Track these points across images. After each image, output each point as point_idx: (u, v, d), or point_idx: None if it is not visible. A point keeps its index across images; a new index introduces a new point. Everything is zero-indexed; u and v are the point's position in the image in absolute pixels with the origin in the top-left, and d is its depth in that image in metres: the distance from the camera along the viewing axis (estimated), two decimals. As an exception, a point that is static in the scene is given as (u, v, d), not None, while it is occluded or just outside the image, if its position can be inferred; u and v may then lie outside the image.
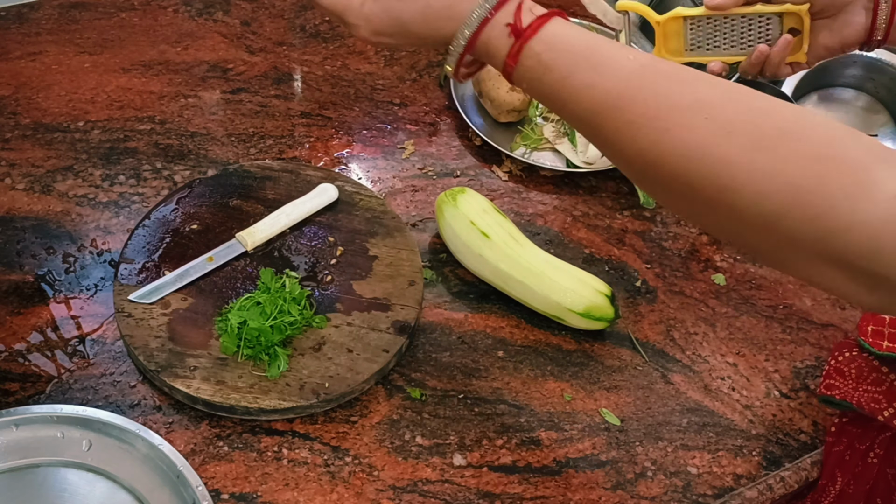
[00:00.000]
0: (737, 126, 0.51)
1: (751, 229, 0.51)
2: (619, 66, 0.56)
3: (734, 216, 0.51)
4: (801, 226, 0.49)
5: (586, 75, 0.56)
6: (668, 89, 0.54)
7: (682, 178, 0.52)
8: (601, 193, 1.02)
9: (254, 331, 0.78)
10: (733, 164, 0.50)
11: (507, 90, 1.02)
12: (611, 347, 0.88)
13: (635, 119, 0.54)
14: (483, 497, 0.76)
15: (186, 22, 1.15)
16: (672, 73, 0.55)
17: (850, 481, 0.78)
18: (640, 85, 0.55)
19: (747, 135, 0.50)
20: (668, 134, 0.52)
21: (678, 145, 0.52)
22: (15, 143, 0.98)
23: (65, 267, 0.88)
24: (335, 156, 1.02)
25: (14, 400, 0.78)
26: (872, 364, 0.80)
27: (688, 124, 0.52)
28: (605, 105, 0.55)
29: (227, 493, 0.74)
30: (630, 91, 0.55)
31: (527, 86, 0.61)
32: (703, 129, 0.51)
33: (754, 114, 0.52)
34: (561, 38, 0.58)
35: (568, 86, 0.57)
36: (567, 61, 0.57)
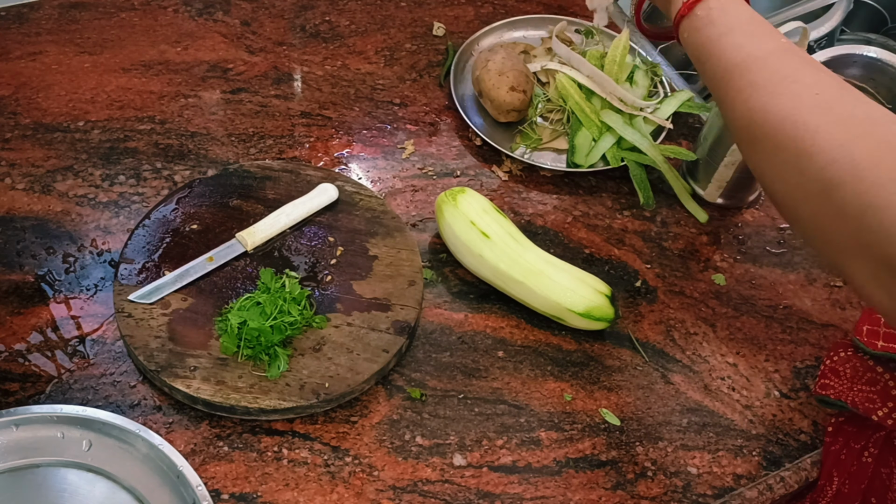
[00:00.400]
0: (836, 105, 0.58)
1: (809, 197, 0.57)
2: (768, 40, 0.64)
3: (801, 180, 0.57)
4: (848, 198, 0.54)
5: (740, 37, 0.65)
6: (794, 68, 0.62)
7: (774, 138, 0.59)
8: (601, 193, 1.02)
9: (254, 331, 0.78)
10: (818, 134, 0.56)
11: (507, 90, 1.02)
12: (611, 347, 0.88)
13: (757, 81, 0.62)
14: (483, 497, 0.76)
15: (186, 22, 1.15)
16: (806, 58, 0.63)
17: (846, 480, 0.78)
18: (775, 58, 0.62)
19: (840, 114, 0.57)
20: (777, 98, 0.60)
21: (782, 109, 0.59)
22: (15, 143, 0.98)
23: (65, 267, 0.88)
24: (335, 156, 1.02)
25: (14, 400, 0.78)
26: (867, 364, 0.81)
27: (797, 94, 0.59)
28: (742, 65, 0.63)
29: (227, 493, 0.74)
30: (766, 59, 0.63)
31: (687, 35, 0.69)
32: (808, 100, 0.59)
33: (856, 102, 0.59)
34: (735, 5, 0.67)
35: (721, 42, 0.66)
36: (731, 22, 0.66)
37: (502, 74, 1.03)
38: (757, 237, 1.00)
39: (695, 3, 0.68)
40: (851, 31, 1.39)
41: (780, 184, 0.60)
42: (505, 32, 1.18)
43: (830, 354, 0.83)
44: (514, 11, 1.23)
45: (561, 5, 1.26)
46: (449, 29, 1.19)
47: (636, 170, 1.02)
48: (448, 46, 1.16)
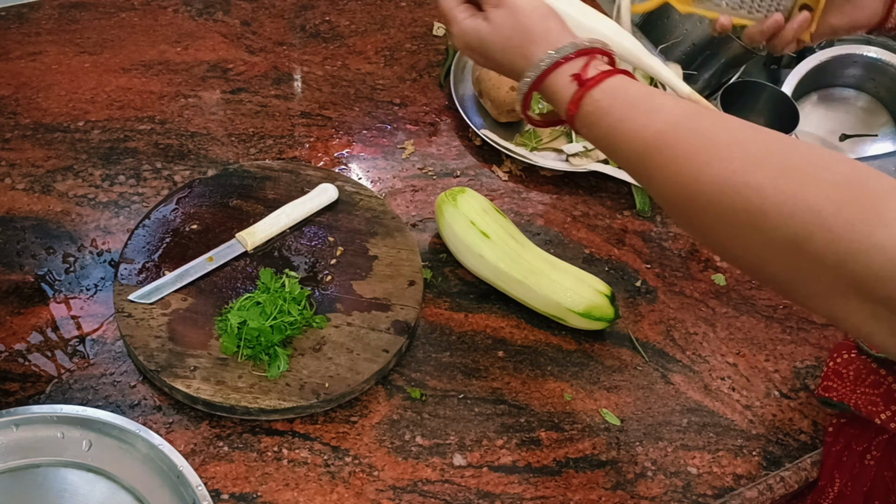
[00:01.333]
0: (768, 157, 0.55)
1: (777, 255, 0.54)
2: (669, 111, 0.61)
3: (762, 241, 0.55)
4: (822, 249, 0.51)
5: (639, 118, 0.62)
6: (709, 130, 0.59)
7: (718, 206, 0.56)
8: (601, 193, 1.02)
9: (254, 331, 0.78)
10: (763, 190, 0.54)
11: (507, 90, 1.02)
12: (611, 347, 0.88)
13: (679, 155, 0.59)
14: (483, 497, 0.76)
15: (186, 22, 1.15)
16: (714, 117, 0.61)
17: (848, 482, 0.78)
18: (685, 126, 0.60)
19: (777, 164, 0.55)
20: (706, 167, 0.57)
21: (715, 176, 0.56)
22: (15, 143, 0.98)
23: (65, 267, 0.88)
24: (335, 156, 1.02)
25: (14, 400, 0.78)
26: (871, 366, 0.80)
27: (725, 157, 0.56)
28: (655, 144, 0.61)
29: (227, 493, 0.74)
30: (677, 131, 0.60)
31: (585, 131, 0.66)
32: (738, 160, 0.56)
33: (784, 147, 0.56)
34: (621, 88, 0.64)
35: (622, 128, 0.63)
36: (623, 106, 0.63)
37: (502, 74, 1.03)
38: (757, 237, 0.99)
39: (579, 101, 0.65)
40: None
41: (741, 249, 0.57)
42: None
43: (833, 356, 0.83)
44: None
45: (561, 5, 1.26)
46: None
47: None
48: (448, 46, 1.16)
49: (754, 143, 0.57)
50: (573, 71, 0.65)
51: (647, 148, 0.61)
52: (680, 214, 0.62)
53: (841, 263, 0.50)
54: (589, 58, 0.66)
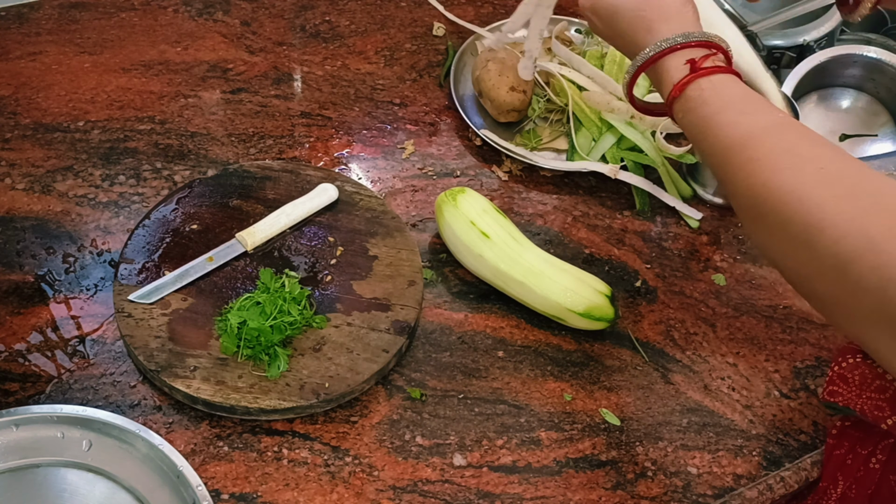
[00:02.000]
0: (839, 178, 0.57)
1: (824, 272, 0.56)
2: (764, 115, 0.63)
3: (813, 256, 0.56)
4: (867, 273, 0.52)
5: (734, 115, 0.64)
6: (794, 140, 0.61)
7: (780, 214, 0.58)
8: (601, 193, 1.02)
9: (253, 331, 0.78)
10: (825, 207, 0.56)
11: (507, 90, 1.02)
12: (611, 347, 0.88)
13: (757, 156, 0.61)
14: (483, 497, 0.76)
15: (186, 22, 1.15)
16: (804, 131, 0.62)
17: (852, 485, 0.78)
18: (773, 132, 0.62)
19: (845, 186, 0.57)
20: (779, 174, 0.59)
21: (784, 184, 0.58)
22: (15, 143, 0.98)
23: (65, 267, 0.88)
24: (335, 156, 1.02)
25: (14, 400, 0.78)
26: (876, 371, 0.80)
27: (799, 168, 0.58)
28: (740, 142, 0.62)
29: (227, 493, 0.74)
30: (763, 136, 0.62)
31: (681, 115, 0.68)
32: (811, 174, 0.58)
33: (860, 173, 0.58)
34: (727, 84, 0.66)
35: (715, 121, 0.65)
36: (724, 100, 0.65)
37: (502, 74, 1.03)
38: (757, 237, 0.99)
39: (686, 85, 0.67)
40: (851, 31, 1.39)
41: (791, 260, 0.59)
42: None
43: (839, 360, 0.82)
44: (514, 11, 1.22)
45: (561, 5, 1.25)
46: (449, 29, 1.19)
47: (635, 170, 1.02)
48: (448, 46, 1.16)
49: (832, 162, 0.58)
50: (691, 56, 0.67)
51: (733, 144, 0.63)
52: (745, 217, 0.63)
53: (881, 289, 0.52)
54: (710, 51, 0.68)
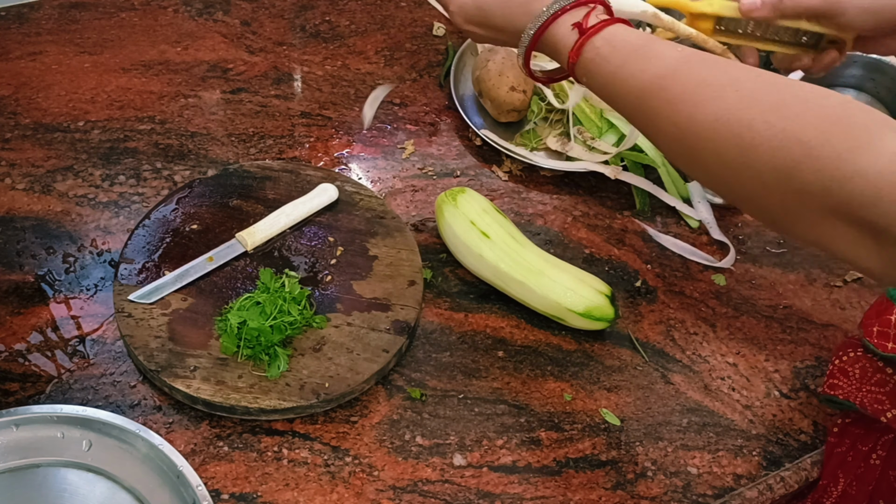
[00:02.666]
0: (760, 96, 0.58)
1: (767, 187, 0.57)
2: (667, 56, 0.63)
3: (753, 175, 0.57)
4: (809, 177, 0.53)
5: (638, 64, 0.64)
6: (705, 72, 0.61)
7: (711, 144, 0.59)
8: (601, 193, 1.02)
9: (253, 331, 0.78)
10: (754, 125, 0.56)
11: (507, 90, 1.02)
12: (611, 347, 0.88)
13: (675, 96, 0.61)
14: (483, 497, 0.76)
15: (186, 22, 1.15)
16: (710, 60, 0.62)
17: (853, 482, 0.78)
18: (682, 70, 0.62)
19: (768, 102, 0.57)
20: (700, 106, 0.59)
21: (709, 115, 0.58)
22: (15, 143, 0.98)
23: (65, 267, 0.88)
24: (335, 156, 1.02)
25: (14, 400, 0.78)
26: (877, 365, 0.80)
27: (719, 96, 0.59)
28: (651, 87, 0.62)
29: (227, 493, 0.74)
30: (673, 74, 0.62)
31: (586, 80, 0.68)
32: (731, 99, 0.58)
33: (777, 86, 0.58)
34: (620, 36, 0.66)
35: (621, 74, 0.65)
36: (623, 53, 0.65)
37: (502, 74, 1.03)
38: (757, 237, 1.00)
39: (581, 48, 0.67)
40: (851, 31, 1.39)
41: (733, 183, 0.60)
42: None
43: (839, 354, 0.83)
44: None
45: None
46: (449, 29, 1.19)
47: (635, 170, 1.02)
48: (448, 46, 1.16)
49: (747, 82, 0.59)
50: (574, 20, 0.67)
51: (644, 92, 0.63)
52: (677, 156, 0.64)
53: (826, 191, 0.53)
54: (589, 8, 0.68)
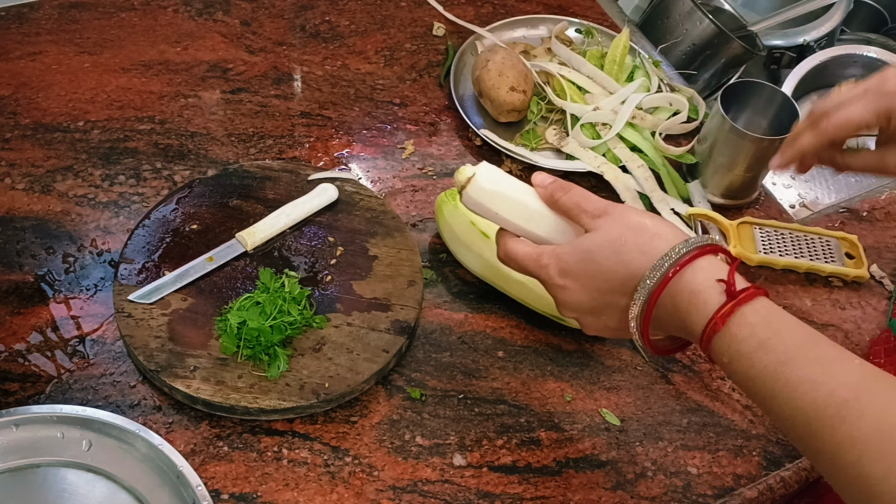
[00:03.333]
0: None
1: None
2: (845, 369, 0.51)
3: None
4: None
5: (808, 369, 0.51)
6: (891, 411, 0.49)
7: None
8: (601, 193, 1.01)
9: (253, 331, 0.78)
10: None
11: (507, 90, 1.02)
12: (611, 347, 0.88)
13: (859, 437, 0.49)
14: (483, 497, 0.76)
15: (186, 22, 1.15)
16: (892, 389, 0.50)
17: None
18: (867, 399, 0.49)
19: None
20: (879, 461, 0.48)
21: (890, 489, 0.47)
22: (15, 143, 0.98)
23: (65, 267, 0.88)
24: (335, 156, 1.02)
25: (14, 400, 0.78)
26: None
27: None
28: (827, 411, 0.50)
29: (227, 493, 0.74)
30: (858, 403, 0.49)
31: (727, 359, 0.55)
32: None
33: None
34: (777, 316, 0.54)
35: (784, 375, 0.52)
36: (787, 346, 0.52)
37: (502, 74, 1.03)
38: (757, 237, 0.99)
39: (729, 315, 0.54)
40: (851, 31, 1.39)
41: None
42: (505, 32, 1.18)
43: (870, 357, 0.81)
44: (514, 11, 1.23)
45: (561, 5, 1.26)
46: (449, 29, 1.19)
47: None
48: (448, 46, 1.16)
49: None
50: (718, 275, 0.55)
51: (820, 413, 0.50)
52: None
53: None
54: (722, 256, 0.57)
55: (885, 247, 1.00)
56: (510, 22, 1.18)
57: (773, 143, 0.95)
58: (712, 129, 0.99)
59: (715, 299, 0.55)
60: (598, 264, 0.61)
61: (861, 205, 1.05)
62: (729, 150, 0.96)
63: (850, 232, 1.00)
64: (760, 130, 1.00)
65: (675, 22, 1.16)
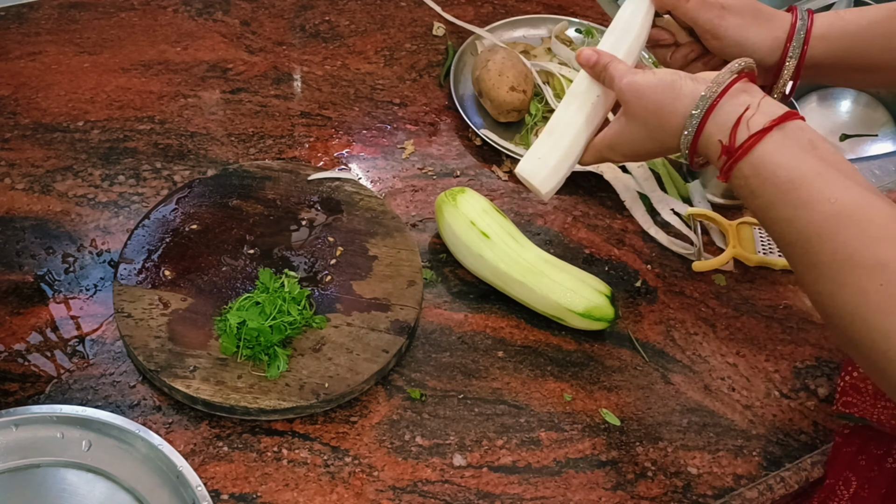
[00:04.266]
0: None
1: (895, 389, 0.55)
2: (817, 209, 0.58)
3: (884, 376, 0.55)
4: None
5: (785, 210, 0.60)
6: (854, 243, 0.56)
7: (847, 332, 0.56)
8: (601, 193, 1.02)
9: (253, 331, 0.78)
10: (892, 337, 0.53)
11: (507, 90, 1.02)
12: (611, 347, 0.88)
13: (819, 264, 0.57)
14: (483, 497, 0.76)
15: (186, 22, 1.15)
16: (865, 226, 0.56)
17: (865, 485, 0.77)
18: (830, 232, 0.57)
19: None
20: (842, 289, 0.55)
21: (849, 305, 0.55)
22: (15, 143, 0.98)
23: (64, 267, 0.88)
24: (335, 156, 1.02)
25: (14, 400, 0.78)
26: None
27: (862, 287, 0.54)
28: (798, 242, 0.59)
29: (227, 494, 0.74)
30: (820, 237, 0.57)
31: (740, 198, 0.67)
32: (875, 295, 0.54)
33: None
34: (769, 164, 0.61)
35: (770, 216, 0.62)
36: (770, 193, 0.61)
37: (502, 74, 1.03)
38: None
39: (728, 171, 0.63)
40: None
41: (866, 367, 0.57)
42: (505, 32, 1.18)
43: (848, 370, 0.81)
44: (514, 11, 1.23)
45: (561, 5, 1.26)
46: (449, 28, 1.19)
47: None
48: (448, 46, 1.16)
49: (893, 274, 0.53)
50: (721, 135, 0.64)
51: (793, 244, 0.60)
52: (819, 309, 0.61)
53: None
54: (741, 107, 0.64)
55: (885, 247, 1.00)
56: (510, 22, 1.18)
57: (773, 143, 0.95)
58: (712, 129, 0.98)
59: (718, 158, 0.65)
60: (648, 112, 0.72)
61: (861, 205, 1.05)
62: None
63: None
64: (760, 130, 1.00)
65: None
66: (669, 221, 0.99)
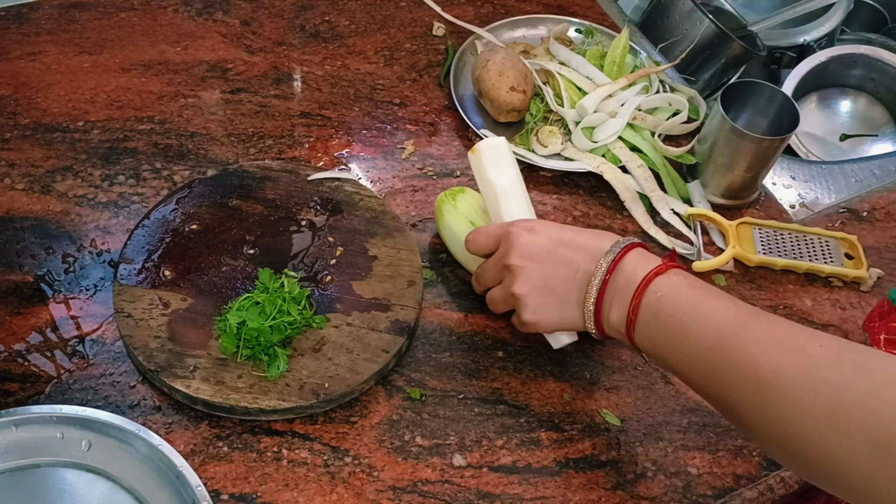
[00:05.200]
0: (844, 355, 0.58)
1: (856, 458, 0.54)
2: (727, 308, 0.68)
3: (842, 440, 0.55)
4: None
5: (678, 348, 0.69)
6: (782, 328, 0.63)
7: (793, 399, 0.58)
8: (601, 193, 1.02)
9: (253, 331, 0.78)
10: (843, 388, 0.55)
11: (507, 90, 1.02)
12: (611, 347, 0.88)
13: (758, 339, 0.62)
14: (483, 497, 0.76)
15: (186, 22, 1.15)
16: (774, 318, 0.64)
17: None
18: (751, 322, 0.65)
19: (853, 362, 0.56)
20: (786, 356, 0.59)
21: (795, 367, 0.58)
22: (14, 143, 0.98)
23: (64, 267, 0.88)
24: (335, 156, 1.02)
25: (14, 400, 0.78)
26: None
27: (801, 350, 0.60)
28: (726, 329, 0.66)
29: (227, 494, 0.74)
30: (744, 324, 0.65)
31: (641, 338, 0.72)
32: (818, 355, 0.58)
33: (851, 348, 0.58)
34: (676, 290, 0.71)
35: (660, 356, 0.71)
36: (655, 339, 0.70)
37: (502, 74, 1.03)
38: (757, 237, 0.99)
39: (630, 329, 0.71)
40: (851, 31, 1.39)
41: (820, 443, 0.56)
42: (505, 32, 1.18)
43: None
44: (514, 11, 1.23)
45: (561, 5, 1.26)
46: (449, 29, 1.19)
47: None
48: (448, 46, 1.16)
49: (824, 339, 0.58)
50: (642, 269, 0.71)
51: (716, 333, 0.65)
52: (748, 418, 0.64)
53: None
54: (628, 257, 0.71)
55: (885, 247, 1.00)
56: (510, 22, 1.18)
57: (773, 143, 0.95)
58: (712, 129, 0.99)
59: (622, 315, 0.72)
60: (560, 245, 0.75)
61: (861, 205, 1.05)
62: (729, 150, 0.96)
63: (850, 232, 1.00)
64: (760, 130, 1.00)
65: (675, 22, 1.16)
66: (669, 221, 0.99)
